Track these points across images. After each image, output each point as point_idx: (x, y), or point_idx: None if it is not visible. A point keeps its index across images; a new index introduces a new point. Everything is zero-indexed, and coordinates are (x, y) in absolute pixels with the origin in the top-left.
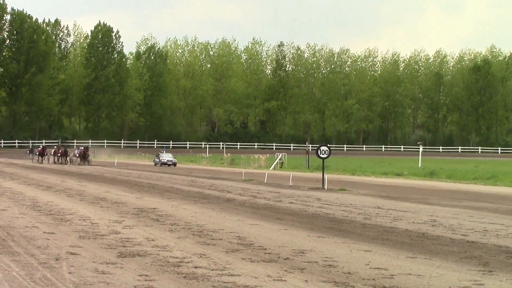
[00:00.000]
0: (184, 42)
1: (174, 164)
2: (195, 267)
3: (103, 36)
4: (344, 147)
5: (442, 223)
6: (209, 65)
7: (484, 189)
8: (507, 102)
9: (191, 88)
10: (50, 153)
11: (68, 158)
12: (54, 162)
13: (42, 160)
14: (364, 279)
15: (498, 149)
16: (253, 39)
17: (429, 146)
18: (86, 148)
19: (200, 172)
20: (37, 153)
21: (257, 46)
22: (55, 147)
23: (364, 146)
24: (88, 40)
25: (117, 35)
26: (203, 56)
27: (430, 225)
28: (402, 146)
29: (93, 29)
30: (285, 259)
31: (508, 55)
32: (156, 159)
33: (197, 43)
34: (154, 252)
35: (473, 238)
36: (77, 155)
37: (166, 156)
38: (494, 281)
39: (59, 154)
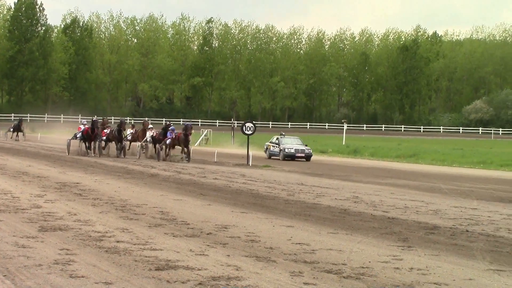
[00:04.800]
0: (109, 16)
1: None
2: (117, 242)
3: (27, 9)
4: (269, 124)
5: (364, 199)
6: (135, 40)
7: (406, 167)
8: (430, 82)
9: (116, 62)
10: None
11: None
12: None
13: None
14: (286, 254)
15: (420, 128)
16: (181, 14)
17: (353, 124)
18: (20, 121)
19: None
20: None
21: (184, 22)
22: None
23: (289, 123)
24: (12, 12)
25: (41, 8)
26: (129, 31)
27: (352, 201)
28: (327, 124)
29: (16, 1)
30: (208, 234)
31: (432, 34)
32: None
33: (123, 18)
34: (76, 227)
35: (394, 214)
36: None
37: None
38: (412, 256)
39: None
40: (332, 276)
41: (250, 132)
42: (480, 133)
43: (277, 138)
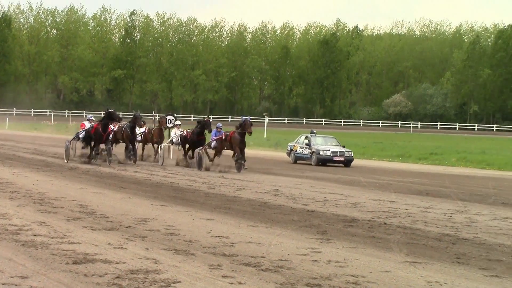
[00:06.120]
0: (28, 7)
1: None
2: (35, 235)
3: None
4: (191, 117)
5: (284, 192)
6: (55, 32)
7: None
8: (351, 76)
9: (36, 54)
10: None
11: None
12: None
13: None
14: (205, 247)
15: (341, 121)
16: (102, 6)
17: (275, 117)
18: None
19: (44, 140)
20: None
21: (106, 14)
22: None
23: (211, 116)
24: None
25: None
26: (49, 22)
27: (272, 194)
28: (249, 116)
29: None
30: (127, 227)
31: (353, 28)
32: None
33: (42, 9)
34: None
35: (313, 207)
36: None
37: None
38: (331, 248)
39: None
40: (251, 269)
41: (171, 125)
42: (399, 126)
43: (306, 138)
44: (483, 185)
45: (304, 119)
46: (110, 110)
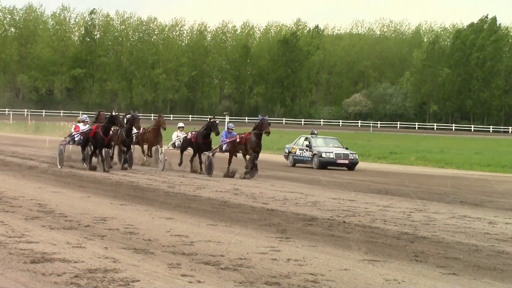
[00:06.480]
0: None
1: None
2: None
3: None
4: (151, 116)
5: (244, 191)
6: (13, 30)
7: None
8: (311, 75)
9: None
10: None
11: None
12: None
13: None
14: (164, 246)
15: (301, 121)
16: (62, 5)
17: (235, 116)
18: None
19: (2, 139)
20: None
21: (65, 12)
22: None
23: (172, 115)
24: None
25: None
26: (7, 20)
27: (232, 193)
28: (209, 116)
29: None
30: (86, 226)
31: (313, 28)
32: None
33: (0, 7)
34: None
35: (273, 206)
36: None
37: None
38: (290, 247)
39: None
40: (210, 268)
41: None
42: (359, 126)
43: (307, 139)
44: (442, 184)
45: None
46: (113, 114)
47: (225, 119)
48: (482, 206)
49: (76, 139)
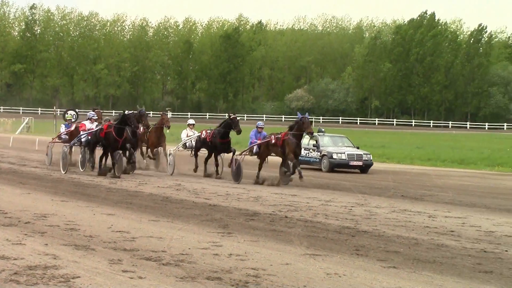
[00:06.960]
0: None
1: None
2: None
3: None
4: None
5: (187, 187)
6: None
7: (228, 155)
8: (253, 71)
9: None
10: None
11: None
12: None
13: None
14: (106, 242)
15: (244, 116)
16: (1, 0)
17: (178, 112)
18: None
19: None
20: None
21: (4, 7)
22: None
23: (114, 111)
24: None
25: None
26: None
27: (174, 189)
28: (151, 112)
29: None
30: (26, 223)
31: (255, 23)
32: None
33: None
34: None
35: (216, 201)
36: None
37: None
38: (232, 242)
39: None
40: (151, 263)
41: (73, 119)
42: None
43: (313, 137)
44: (383, 179)
45: (208, 114)
46: (126, 113)
47: (167, 114)
48: (422, 200)
49: (83, 139)
